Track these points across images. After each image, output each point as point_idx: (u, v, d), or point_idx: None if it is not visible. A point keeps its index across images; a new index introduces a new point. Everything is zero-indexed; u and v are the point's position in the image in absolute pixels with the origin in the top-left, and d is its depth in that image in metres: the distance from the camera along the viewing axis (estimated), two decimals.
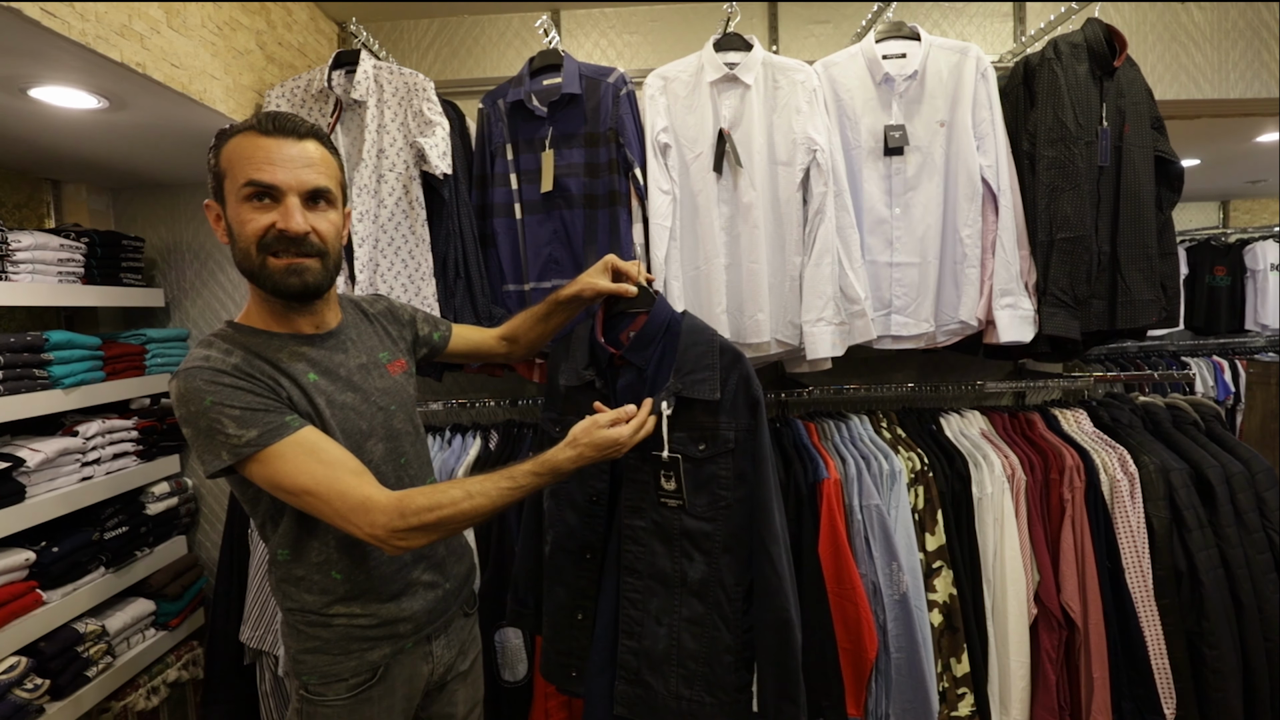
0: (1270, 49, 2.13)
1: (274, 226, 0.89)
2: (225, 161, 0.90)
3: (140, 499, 1.91)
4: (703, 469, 1.15)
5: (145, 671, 1.84)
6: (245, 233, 0.89)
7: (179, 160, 1.87)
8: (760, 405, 1.16)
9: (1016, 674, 1.51)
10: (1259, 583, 1.52)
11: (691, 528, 1.16)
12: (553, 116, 1.62)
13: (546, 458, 0.99)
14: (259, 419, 0.86)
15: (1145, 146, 1.62)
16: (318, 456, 0.87)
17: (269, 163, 0.89)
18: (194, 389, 0.86)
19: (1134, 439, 1.65)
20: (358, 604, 0.97)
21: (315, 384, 0.95)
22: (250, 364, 0.90)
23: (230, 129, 0.92)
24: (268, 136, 0.90)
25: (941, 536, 1.52)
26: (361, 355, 1.03)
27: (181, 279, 2.16)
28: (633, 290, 1.22)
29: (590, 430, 1.02)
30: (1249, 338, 4.56)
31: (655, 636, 1.16)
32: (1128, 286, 1.60)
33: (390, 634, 1.00)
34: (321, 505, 0.86)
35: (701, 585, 1.15)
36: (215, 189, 0.92)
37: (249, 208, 0.89)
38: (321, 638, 0.97)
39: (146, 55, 1.28)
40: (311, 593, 0.96)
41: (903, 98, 1.62)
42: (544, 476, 0.98)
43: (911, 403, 1.85)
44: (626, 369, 1.22)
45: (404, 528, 0.86)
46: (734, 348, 1.19)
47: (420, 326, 1.21)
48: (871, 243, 1.63)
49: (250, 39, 1.65)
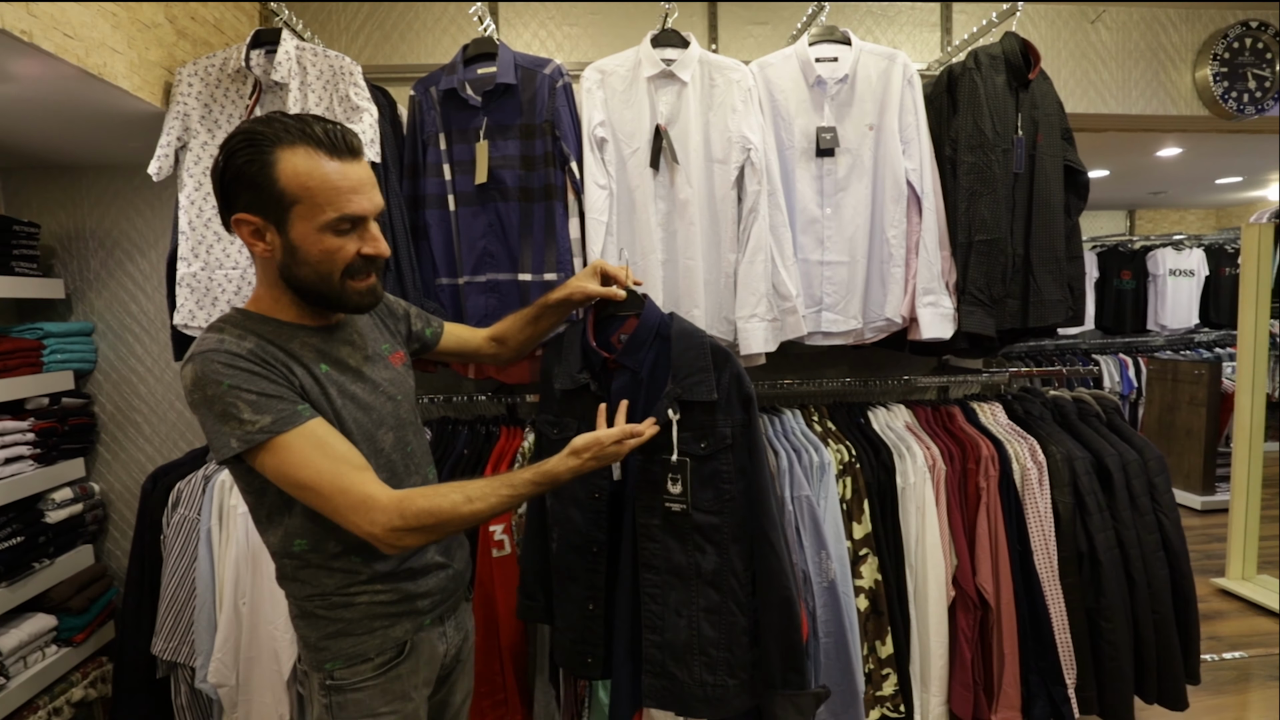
0: (1168, 70, 2.31)
1: (358, 253, 0.91)
2: (294, 185, 0.85)
3: (38, 506, 1.77)
4: (705, 465, 1.21)
5: (46, 692, 1.71)
6: (332, 262, 0.89)
7: (79, 140, 1.73)
8: (752, 400, 1.22)
9: (936, 653, 1.59)
10: (1149, 561, 1.65)
11: (701, 522, 1.21)
12: (487, 106, 1.58)
13: (547, 469, 1.01)
14: (273, 405, 0.85)
15: (1056, 156, 1.73)
16: (324, 450, 0.86)
17: (355, 192, 0.88)
18: (211, 371, 0.84)
19: (1043, 430, 1.76)
20: (379, 582, 0.97)
21: (327, 374, 0.94)
22: (265, 350, 0.89)
23: (261, 135, 0.85)
24: (340, 160, 0.88)
25: (868, 525, 1.58)
26: (367, 347, 1.04)
27: (84, 269, 2.01)
28: (622, 294, 1.25)
29: (594, 446, 1.04)
30: (1151, 337, 4.94)
31: (676, 628, 1.21)
32: (1039, 287, 1.70)
33: (411, 609, 1.00)
34: (322, 501, 0.86)
35: (715, 575, 1.21)
36: (264, 205, 0.87)
37: (333, 237, 0.88)
38: (344, 619, 0.96)
39: (33, 22, 1.18)
40: (333, 576, 0.95)
41: (834, 100, 1.67)
42: (543, 486, 1.01)
43: (843, 397, 1.91)
44: (620, 372, 1.26)
45: (402, 528, 0.86)
46: (722, 347, 1.24)
47: (414, 322, 1.21)
48: (804, 241, 1.67)
49: (158, 11, 1.54)
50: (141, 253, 2.02)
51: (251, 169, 0.85)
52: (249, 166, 0.86)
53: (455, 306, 1.64)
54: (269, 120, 0.87)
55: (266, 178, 0.85)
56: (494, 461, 1.62)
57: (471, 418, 1.81)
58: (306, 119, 0.88)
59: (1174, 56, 2.31)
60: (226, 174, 0.87)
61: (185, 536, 1.57)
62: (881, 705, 1.56)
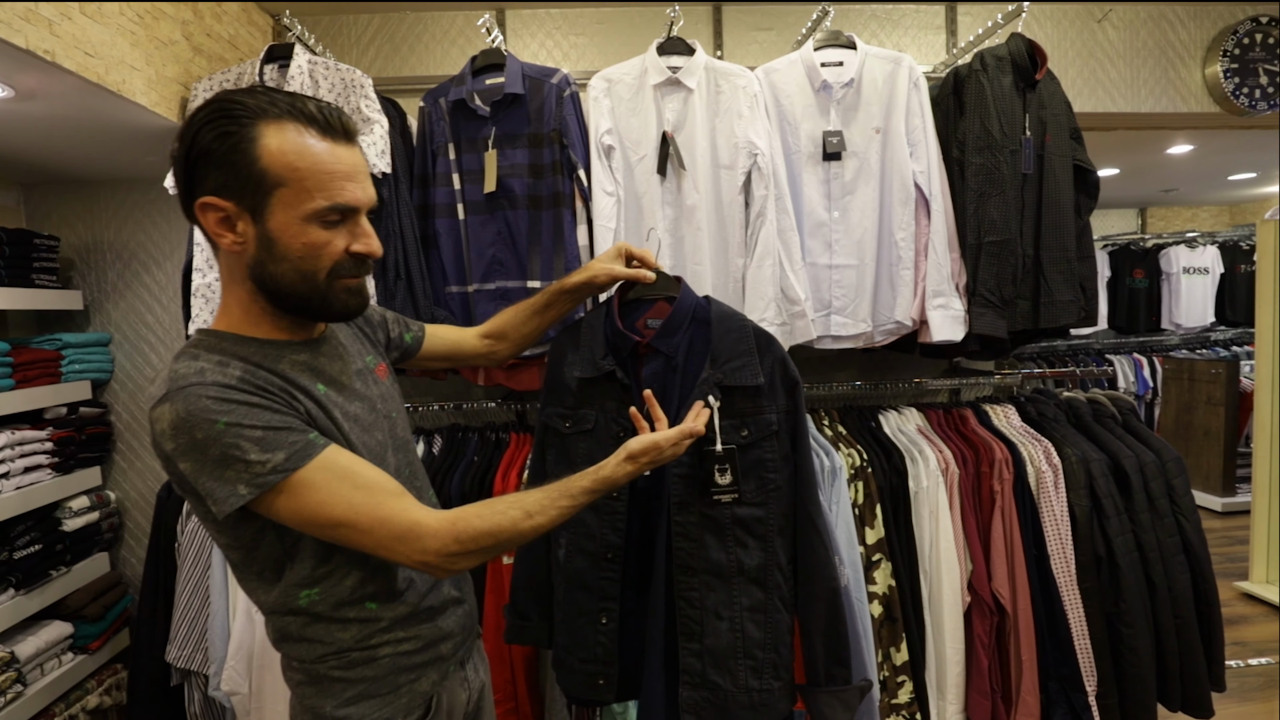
0: (1177, 67, 2.29)
1: (348, 249, 0.78)
2: (279, 165, 0.73)
3: (56, 515, 1.80)
4: (747, 454, 1.13)
5: (62, 699, 1.73)
6: (317, 258, 0.76)
7: (98, 155, 1.76)
8: (799, 386, 1.16)
9: (952, 660, 1.57)
10: (1169, 564, 1.62)
11: (743, 515, 1.13)
12: (495, 116, 1.60)
13: (604, 474, 0.91)
14: (283, 439, 0.73)
15: (1065, 156, 1.72)
16: (352, 480, 0.75)
17: (349, 179, 0.76)
18: (201, 410, 0.70)
19: (1058, 432, 1.74)
20: (400, 629, 0.87)
21: (326, 395, 0.82)
22: (255, 376, 0.76)
23: (244, 107, 0.73)
24: (333, 141, 0.76)
25: (880, 530, 1.57)
26: (354, 360, 0.92)
27: (102, 280, 2.05)
28: (651, 276, 1.16)
29: (651, 450, 0.94)
30: (1165, 336, 4.88)
31: (718, 633, 1.13)
32: (1050, 288, 1.68)
33: (435, 656, 0.90)
34: (361, 536, 0.75)
35: (760, 571, 1.14)
36: (239, 188, 0.74)
37: (320, 230, 0.76)
38: (367, 677, 0.84)
39: (56, 42, 1.21)
40: (348, 630, 0.83)
41: (840, 104, 1.67)
42: (599, 494, 0.91)
43: (853, 401, 1.90)
44: (652, 357, 1.17)
45: (459, 552, 0.77)
46: (765, 331, 1.18)
47: (392, 328, 1.09)
48: (811, 245, 1.67)
49: (175, 29, 1.57)
50: (158, 264, 2.05)
51: (225, 145, 0.72)
52: (222, 142, 0.72)
53: (465, 314, 1.65)
54: (251, 92, 0.74)
55: (244, 155, 0.72)
56: (504, 469, 1.62)
57: (481, 424, 1.82)
58: (296, 94, 0.76)
59: (1183, 53, 2.29)
60: (193, 151, 0.73)
61: (199, 544, 1.59)
62: (897, 713, 1.54)
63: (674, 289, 1.18)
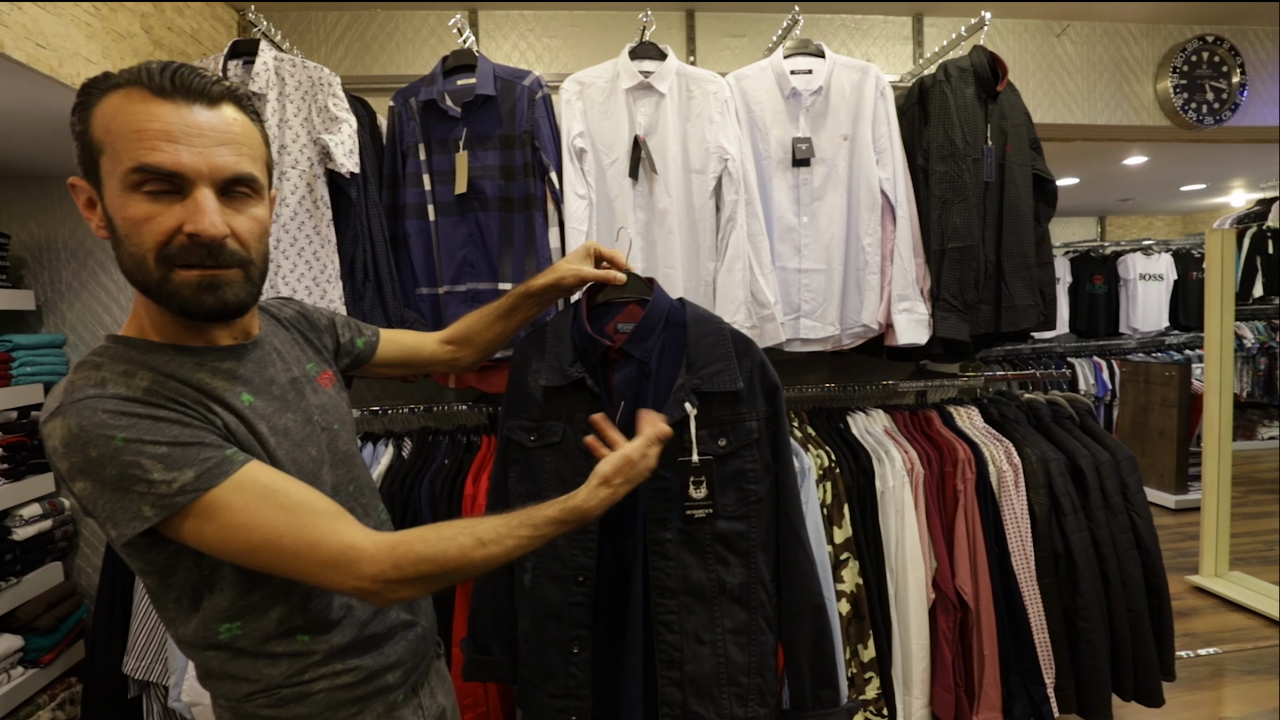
0: (1130, 82, 2.38)
1: (179, 230, 0.66)
2: (100, 128, 0.66)
3: (5, 523, 1.73)
4: (726, 465, 1.07)
5: (11, 715, 1.66)
6: (139, 236, 0.66)
7: (52, 150, 1.71)
8: (779, 391, 1.11)
9: (917, 656, 1.60)
10: (1123, 559, 1.68)
11: (724, 530, 1.07)
12: (467, 117, 1.59)
13: (575, 504, 0.83)
14: (193, 455, 0.65)
15: (1025, 165, 1.77)
16: (275, 500, 0.67)
17: (168, 139, 0.65)
18: (94, 426, 0.63)
19: (1019, 433, 1.79)
20: (337, 660, 0.78)
21: (252, 407, 0.75)
22: (165, 387, 0.69)
23: (107, 79, 0.67)
24: (165, 100, 0.66)
25: (848, 529, 1.60)
26: (291, 368, 0.84)
27: (56, 280, 1.98)
28: (622, 278, 1.11)
29: (624, 468, 0.87)
30: (1124, 340, 5.05)
31: (699, 659, 1.05)
32: (1010, 293, 1.74)
33: (379, 688, 0.82)
34: (287, 563, 0.68)
35: (743, 590, 1.07)
36: (85, 163, 0.68)
37: (141, 201, 0.65)
38: (299, 715, 0.76)
39: (4, 32, 1.17)
40: (277, 665, 0.75)
41: (809, 112, 1.70)
42: (569, 524, 0.83)
43: (822, 403, 1.93)
44: (623, 363, 1.11)
45: (398, 579, 0.70)
46: (743, 334, 1.13)
47: (341, 332, 1.01)
48: (781, 249, 1.70)
49: (134, 21, 1.53)
50: (115, 263, 1.98)
51: (76, 118, 0.68)
52: (75, 115, 0.68)
53: (435, 316, 1.64)
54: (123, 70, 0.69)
55: (85, 127, 0.67)
56: (474, 472, 1.61)
57: (452, 427, 1.80)
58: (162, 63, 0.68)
59: (1136, 69, 2.38)
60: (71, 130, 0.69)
61: None
62: (865, 709, 1.57)
63: (646, 291, 1.13)
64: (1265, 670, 2.41)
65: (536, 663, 1.11)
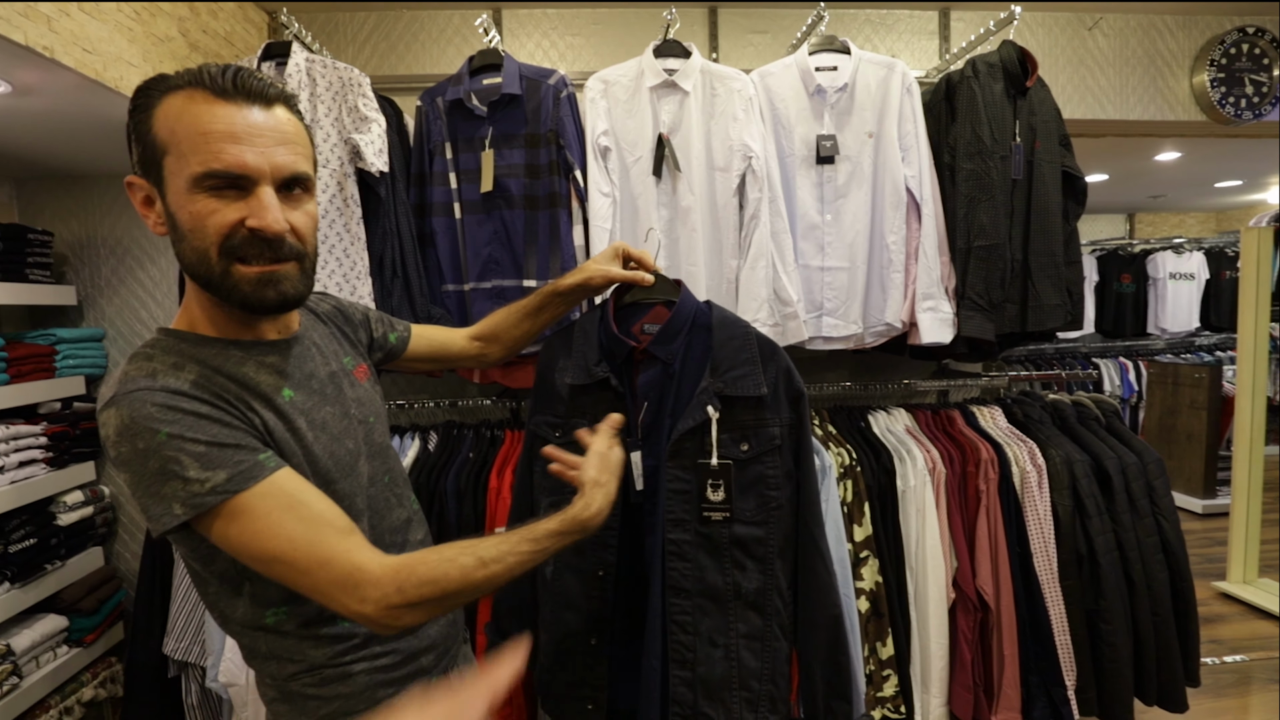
0: (1165, 76, 2.33)
1: (242, 224, 0.70)
2: (164, 129, 0.68)
3: (50, 509, 1.80)
4: (747, 470, 1.08)
5: (57, 691, 1.73)
6: (203, 231, 0.69)
7: (93, 150, 1.76)
8: (803, 397, 1.11)
9: (936, 655, 1.61)
10: (1148, 563, 1.66)
11: (742, 535, 1.07)
12: (493, 116, 1.61)
13: (573, 514, 0.84)
14: (228, 457, 0.67)
15: (1054, 162, 1.75)
16: (297, 512, 0.69)
17: (234, 140, 0.68)
18: (144, 417, 0.65)
19: (1043, 434, 1.77)
20: (377, 643, 0.82)
21: (292, 402, 0.77)
22: (211, 382, 0.71)
23: (164, 81, 0.70)
24: (227, 101, 0.69)
25: (869, 527, 1.60)
26: (330, 362, 0.87)
27: (96, 276, 2.04)
28: (649, 279, 1.12)
29: (602, 465, 0.90)
30: (1151, 340, 4.95)
31: (711, 661, 1.06)
32: (1037, 292, 1.72)
33: (416, 670, 0.86)
34: (297, 576, 0.69)
35: (759, 595, 1.07)
36: (146, 162, 0.71)
37: (205, 198, 0.69)
38: (341, 694, 0.80)
39: (55, 39, 1.21)
40: (321, 647, 0.79)
41: (834, 109, 1.70)
42: (570, 535, 0.83)
43: (843, 401, 1.93)
44: (648, 364, 1.11)
45: (401, 604, 0.70)
46: (769, 339, 1.13)
47: (375, 327, 1.03)
48: (804, 247, 1.70)
49: (172, 25, 1.57)
50: (151, 260, 2.05)
51: (135, 120, 0.71)
52: (134, 116, 0.71)
53: (461, 312, 1.66)
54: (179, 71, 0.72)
55: (146, 127, 0.70)
56: (499, 465, 1.64)
57: (477, 421, 1.83)
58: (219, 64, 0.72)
59: (1171, 63, 2.33)
60: (126, 132, 0.73)
61: None
62: (882, 706, 1.57)
63: (673, 293, 1.13)
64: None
65: (556, 653, 1.13)
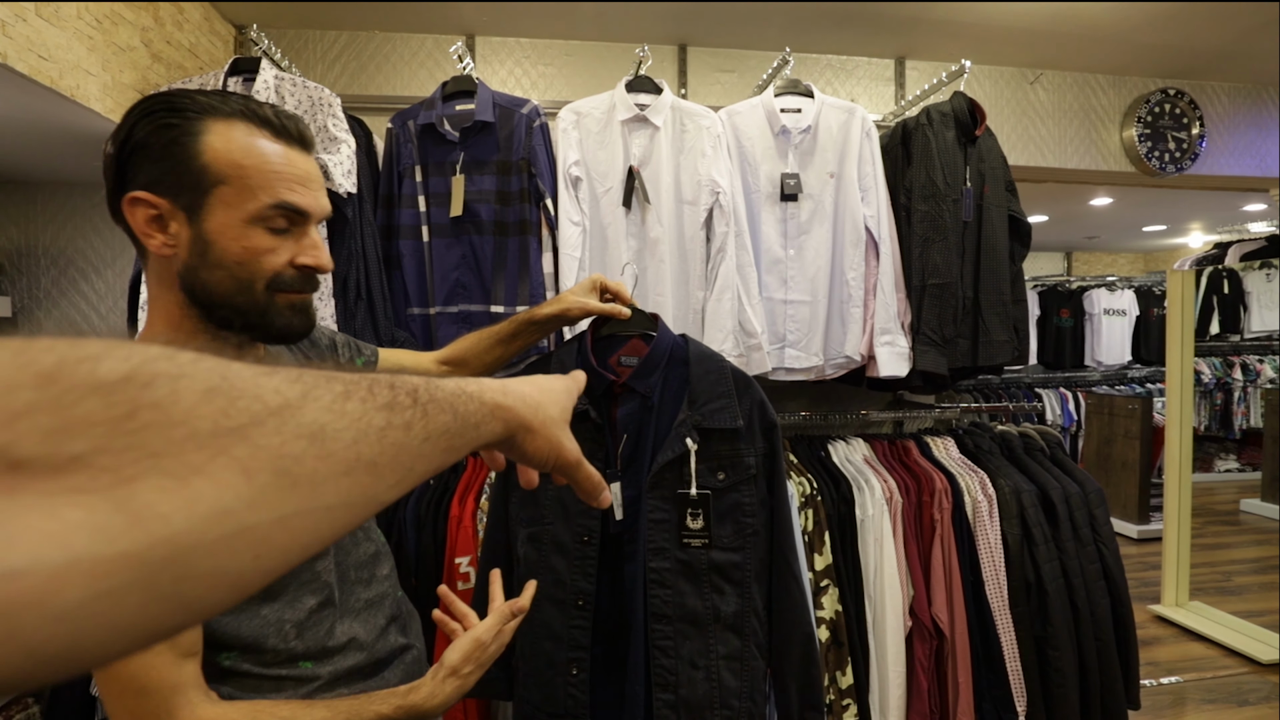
0: (1098, 129, 2.51)
1: (293, 261, 0.72)
2: (223, 159, 0.68)
3: None
4: (724, 499, 1.13)
5: None
6: (255, 264, 0.70)
7: (41, 157, 1.69)
8: (776, 428, 1.16)
9: (894, 683, 1.63)
10: (1091, 590, 1.74)
11: (720, 560, 1.12)
12: (465, 142, 1.62)
13: (416, 701, 0.77)
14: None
15: (1001, 206, 1.86)
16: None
17: (298, 181, 0.71)
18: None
19: (992, 464, 1.85)
20: (343, 685, 0.79)
21: None
22: None
23: (193, 102, 0.68)
24: (288, 144, 0.71)
25: (829, 556, 1.63)
26: None
27: (34, 286, 1.94)
28: (626, 312, 1.13)
29: (474, 653, 0.83)
30: (1089, 372, 5.22)
31: (693, 683, 1.10)
32: (987, 328, 1.81)
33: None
34: (107, 685, 0.64)
35: (737, 618, 1.13)
36: (176, 185, 0.68)
37: (264, 234, 0.70)
38: None
39: (9, 44, 1.17)
40: (282, 688, 0.75)
41: (797, 149, 1.77)
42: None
43: (803, 430, 1.97)
44: (627, 397, 1.15)
45: None
46: (743, 372, 1.18)
47: (341, 352, 1.01)
48: (768, 280, 1.75)
49: (134, 35, 1.53)
50: (97, 272, 1.96)
51: (163, 138, 0.67)
52: (161, 134, 0.67)
53: (426, 336, 1.64)
54: (201, 91, 0.70)
55: (184, 150, 0.67)
56: (460, 492, 1.61)
57: None
58: (251, 98, 0.72)
59: (1104, 117, 2.51)
60: (128, 144, 0.68)
61: None
62: None
63: (650, 326, 1.16)
64: (1224, 699, 2.48)
65: (536, 683, 1.14)
